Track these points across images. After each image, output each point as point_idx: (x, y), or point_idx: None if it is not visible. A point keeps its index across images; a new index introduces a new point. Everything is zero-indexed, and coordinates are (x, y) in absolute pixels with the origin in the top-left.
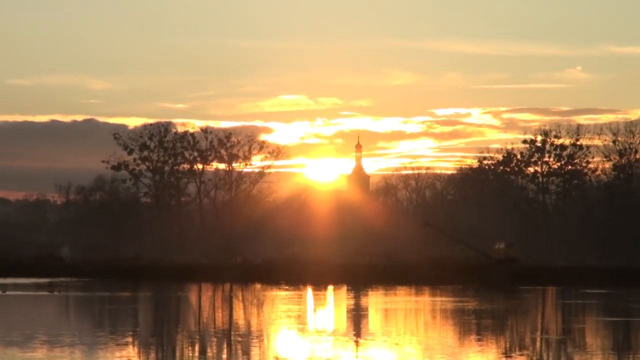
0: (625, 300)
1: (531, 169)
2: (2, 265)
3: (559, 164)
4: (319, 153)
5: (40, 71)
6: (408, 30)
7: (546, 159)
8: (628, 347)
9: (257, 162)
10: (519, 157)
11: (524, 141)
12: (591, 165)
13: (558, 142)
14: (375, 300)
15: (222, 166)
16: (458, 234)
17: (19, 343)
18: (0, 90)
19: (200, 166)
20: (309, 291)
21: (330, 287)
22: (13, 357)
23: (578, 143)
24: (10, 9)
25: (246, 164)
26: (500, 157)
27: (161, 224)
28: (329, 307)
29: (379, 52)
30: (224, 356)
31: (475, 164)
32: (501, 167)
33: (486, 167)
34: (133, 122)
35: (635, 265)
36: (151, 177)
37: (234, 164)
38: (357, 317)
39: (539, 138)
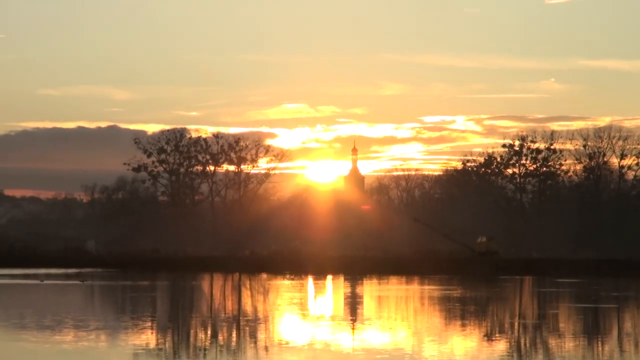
0: (595, 288)
1: (510, 171)
2: (34, 257)
3: (534, 166)
4: (319, 156)
5: (68, 82)
6: (399, 46)
7: (523, 161)
8: (597, 330)
9: (263, 164)
10: (498, 160)
11: (504, 145)
12: (564, 167)
13: (534, 146)
14: (370, 289)
15: (231, 168)
16: (444, 229)
17: (52, 327)
18: (32, 100)
19: (212, 168)
20: (310, 280)
21: (329, 277)
22: (46, 339)
23: (552, 147)
24: (40, 27)
25: (253, 166)
26: (482, 160)
27: (177, 220)
28: (328, 294)
29: (372, 65)
30: (234, 339)
31: (459, 166)
32: (483, 169)
33: (469, 169)
34: (152, 128)
35: (603, 256)
36: (168, 178)
37: (242, 166)
38: (354, 303)
39: (517, 143)
